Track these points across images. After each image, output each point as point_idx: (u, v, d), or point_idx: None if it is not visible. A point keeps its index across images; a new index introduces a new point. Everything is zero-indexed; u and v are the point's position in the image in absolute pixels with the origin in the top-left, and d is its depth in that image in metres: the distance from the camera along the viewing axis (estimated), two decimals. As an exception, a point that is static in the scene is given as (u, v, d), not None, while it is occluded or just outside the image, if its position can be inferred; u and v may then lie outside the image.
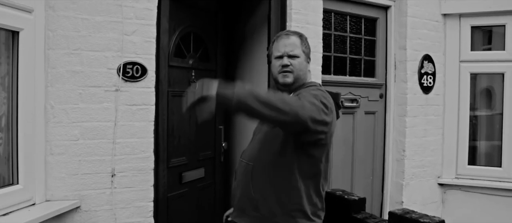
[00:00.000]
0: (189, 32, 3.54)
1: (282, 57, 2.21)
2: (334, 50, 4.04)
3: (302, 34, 2.32)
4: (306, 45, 2.27)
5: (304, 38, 2.29)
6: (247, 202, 2.18)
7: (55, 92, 2.67)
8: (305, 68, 2.25)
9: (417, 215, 2.73)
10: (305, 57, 2.25)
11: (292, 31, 2.34)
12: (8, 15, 2.36)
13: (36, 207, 2.56)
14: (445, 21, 4.36)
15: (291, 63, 2.19)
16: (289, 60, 2.19)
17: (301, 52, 2.22)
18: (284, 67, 2.19)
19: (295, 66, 2.19)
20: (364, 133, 4.23)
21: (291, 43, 2.22)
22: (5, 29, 2.40)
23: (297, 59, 2.20)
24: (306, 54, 2.26)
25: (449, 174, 4.42)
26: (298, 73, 2.20)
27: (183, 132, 3.48)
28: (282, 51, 2.21)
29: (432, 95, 4.32)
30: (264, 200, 2.12)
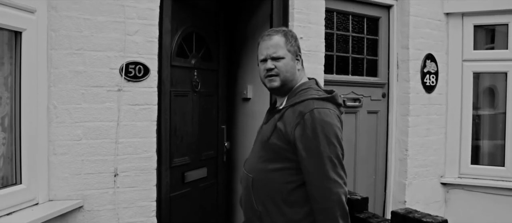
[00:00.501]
0: (191, 32, 3.54)
1: (266, 60, 2.08)
2: (337, 50, 4.04)
3: (287, 30, 2.17)
4: (292, 43, 2.12)
5: (289, 36, 2.13)
6: (251, 213, 2.13)
7: (58, 93, 2.68)
8: (293, 68, 2.10)
9: (420, 215, 2.72)
10: (292, 56, 2.10)
11: (276, 30, 2.18)
12: (10, 16, 2.37)
13: (39, 206, 2.57)
14: (447, 20, 4.35)
15: (275, 66, 2.06)
16: (273, 63, 2.06)
17: (286, 52, 2.07)
18: (269, 71, 2.07)
19: (280, 69, 2.06)
20: (366, 132, 4.23)
21: (273, 44, 2.07)
22: (8, 30, 2.41)
23: (282, 61, 2.06)
24: (293, 53, 2.11)
25: (452, 173, 4.41)
26: (284, 75, 2.07)
27: (185, 132, 3.48)
28: (264, 54, 2.09)
29: (434, 94, 4.31)
30: (267, 212, 2.06)
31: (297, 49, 2.14)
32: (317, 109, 1.93)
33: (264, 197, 2.05)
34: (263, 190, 2.06)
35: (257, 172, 2.09)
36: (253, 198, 2.08)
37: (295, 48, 2.12)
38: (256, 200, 2.07)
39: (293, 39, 2.13)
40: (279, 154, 2.01)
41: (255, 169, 2.11)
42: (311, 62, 3.57)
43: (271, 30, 2.19)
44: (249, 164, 2.18)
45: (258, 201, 2.07)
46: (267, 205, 2.04)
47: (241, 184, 2.23)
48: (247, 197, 2.14)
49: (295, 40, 2.15)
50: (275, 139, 2.00)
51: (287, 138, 1.96)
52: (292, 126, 1.95)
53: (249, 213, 2.14)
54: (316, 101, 1.98)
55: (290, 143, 1.96)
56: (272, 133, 2.02)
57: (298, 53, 2.14)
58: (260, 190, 2.06)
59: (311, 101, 1.97)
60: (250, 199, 2.10)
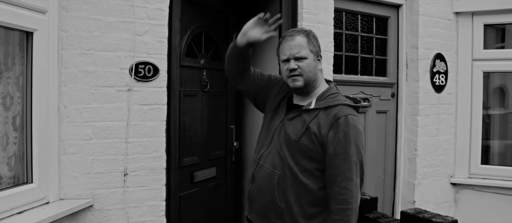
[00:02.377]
0: (200, 32, 3.55)
1: (289, 60, 2.10)
2: (346, 49, 4.03)
3: (309, 31, 2.18)
4: (314, 44, 2.13)
5: (311, 36, 2.15)
6: (271, 210, 2.12)
7: (68, 92, 2.70)
8: (315, 69, 2.12)
9: (429, 215, 2.71)
10: (314, 57, 2.12)
11: (297, 30, 2.20)
12: (22, 16, 2.39)
13: (50, 205, 2.59)
14: (457, 20, 4.33)
15: (299, 66, 2.08)
16: (296, 63, 2.08)
17: (308, 53, 2.09)
18: (292, 71, 2.08)
19: (303, 69, 2.08)
20: (375, 132, 4.21)
21: (296, 44, 2.09)
22: (20, 30, 2.43)
23: (305, 61, 2.08)
24: (315, 53, 2.12)
25: (461, 173, 4.39)
26: (308, 75, 2.09)
27: (194, 132, 3.49)
28: (287, 55, 2.10)
29: (444, 94, 4.29)
30: (289, 210, 2.07)
31: (319, 49, 2.16)
32: (351, 116, 2.01)
33: (289, 196, 2.06)
34: (289, 189, 2.07)
35: (283, 169, 2.08)
36: (276, 195, 2.09)
37: (317, 48, 2.14)
38: (279, 198, 2.08)
39: (315, 39, 2.15)
40: (307, 155, 2.04)
41: (281, 166, 2.09)
42: (320, 62, 3.56)
43: (293, 30, 2.19)
44: (272, 159, 2.14)
45: (281, 198, 2.08)
46: (291, 203, 2.06)
47: (258, 177, 2.19)
48: (268, 193, 2.12)
49: (317, 40, 2.17)
50: (306, 140, 2.03)
51: (321, 140, 2.00)
52: (326, 128, 2.00)
53: (267, 209, 2.13)
54: (349, 108, 2.05)
55: (322, 145, 2.01)
56: (303, 133, 2.04)
57: (319, 53, 2.17)
58: (286, 189, 2.07)
59: (345, 107, 2.04)
60: (273, 195, 2.10)
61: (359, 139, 2.01)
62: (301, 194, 2.05)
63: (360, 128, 2.04)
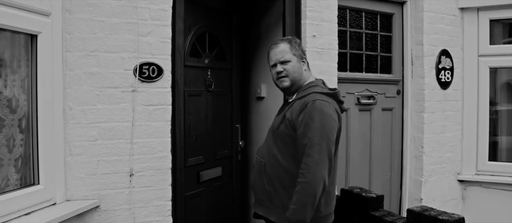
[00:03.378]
0: (204, 32, 3.56)
1: (276, 65, 2.47)
2: (350, 47, 4.02)
3: (291, 38, 2.55)
4: (296, 48, 2.49)
5: (293, 42, 2.51)
6: (263, 194, 2.47)
7: (73, 94, 2.71)
8: (300, 69, 2.47)
9: (436, 213, 2.71)
10: (298, 59, 2.47)
11: (281, 39, 2.57)
12: (27, 19, 2.41)
13: (57, 206, 2.61)
14: (462, 15, 4.30)
15: (284, 69, 2.44)
16: (282, 66, 2.45)
17: (291, 56, 2.45)
18: (279, 74, 2.46)
19: (289, 70, 2.44)
20: (381, 129, 4.20)
21: (280, 51, 2.47)
22: (24, 33, 2.45)
23: (289, 64, 2.44)
24: (298, 56, 2.48)
25: (469, 170, 4.36)
26: (293, 76, 2.45)
27: (199, 131, 3.50)
28: (274, 60, 2.48)
29: (450, 90, 4.26)
30: (276, 193, 2.39)
31: (302, 52, 2.53)
32: (319, 101, 2.28)
33: (274, 180, 2.40)
34: (273, 174, 2.40)
35: (268, 157, 2.44)
36: (264, 180, 2.44)
37: (299, 52, 2.51)
38: (267, 182, 2.43)
39: (297, 44, 2.53)
40: (286, 141, 2.35)
41: (266, 155, 2.46)
42: (324, 60, 3.56)
43: (277, 39, 2.60)
44: (262, 150, 2.55)
45: (268, 183, 2.42)
46: (276, 187, 2.39)
47: (254, 169, 2.59)
48: (259, 179, 2.49)
49: (299, 45, 2.55)
50: (283, 127, 2.36)
51: (292, 124, 2.31)
52: (297, 113, 2.30)
53: (260, 194, 2.50)
54: (319, 95, 2.34)
55: (294, 128, 2.30)
56: (281, 122, 2.39)
57: (303, 56, 2.53)
58: (271, 174, 2.41)
59: (315, 94, 2.34)
60: (262, 181, 2.46)
61: (324, 120, 2.24)
62: (284, 177, 2.36)
63: (327, 111, 2.27)
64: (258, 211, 2.54)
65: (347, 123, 4.00)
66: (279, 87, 2.53)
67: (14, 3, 2.32)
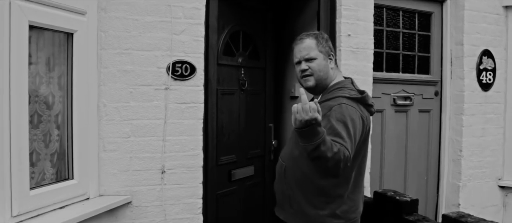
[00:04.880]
0: (238, 30, 3.56)
1: (300, 62, 2.31)
2: (386, 47, 3.92)
3: (318, 34, 2.36)
4: (323, 44, 2.30)
5: (320, 38, 2.32)
6: (283, 198, 2.36)
7: (107, 91, 2.76)
8: (326, 68, 2.29)
9: (473, 219, 2.61)
10: (324, 57, 2.29)
11: (307, 33, 2.37)
12: (64, 18, 2.46)
13: (90, 201, 2.66)
14: (506, 14, 4.11)
15: (309, 67, 2.28)
16: (306, 64, 2.28)
17: (317, 53, 2.27)
18: (303, 72, 2.29)
19: (314, 69, 2.27)
20: (418, 131, 4.08)
21: (305, 47, 2.29)
22: (62, 31, 2.50)
23: (315, 61, 2.27)
24: (325, 53, 2.30)
25: (511, 176, 4.17)
26: (318, 75, 2.27)
27: (232, 130, 3.50)
28: (298, 57, 2.32)
29: (491, 92, 4.09)
30: (295, 197, 2.27)
31: (329, 49, 2.33)
32: (345, 105, 2.13)
33: (293, 183, 2.28)
34: (292, 177, 2.28)
35: (289, 160, 2.32)
36: (284, 183, 2.33)
37: (326, 48, 2.31)
38: (286, 186, 2.31)
39: (324, 40, 2.33)
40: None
41: (288, 158, 2.34)
42: (359, 60, 3.49)
43: (303, 34, 2.40)
44: (284, 152, 2.44)
45: (288, 186, 2.30)
46: (295, 190, 2.26)
47: (276, 171, 2.47)
48: (279, 182, 2.39)
49: (326, 41, 2.35)
50: None
51: None
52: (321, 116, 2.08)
53: (281, 198, 2.39)
54: (346, 99, 2.18)
55: None
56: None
57: (330, 53, 2.34)
58: (290, 177, 2.29)
59: (342, 98, 2.18)
60: (282, 184, 2.35)
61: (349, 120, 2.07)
62: (303, 182, 2.23)
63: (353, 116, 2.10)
64: (279, 215, 2.44)
65: (382, 124, 3.90)
66: (303, 86, 2.33)
67: (52, 2, 2.37)
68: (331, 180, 2.19)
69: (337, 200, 2.23)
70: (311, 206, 2.23)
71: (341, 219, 2.23)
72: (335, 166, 1.94)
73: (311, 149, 1.88)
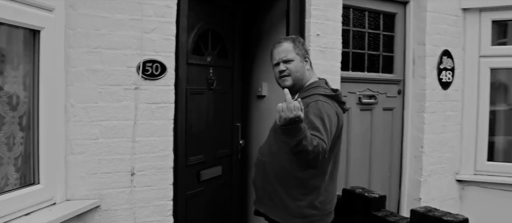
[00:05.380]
0: (207, 29, 3.50)
1: (279, 64, 2.47)
2: (353, 46, 3.99)
3: (295, 38, 2.55)
4: (299, 47, 2.48)
5: (297, 42, 2.50)
6: (264, 193, 2.47)
7: (75, 91, 2.65)
8: (302, 69, 2.48)
9: (440, 213, 2.71)
10: (301, 59, 2.47)
11: (284, 38, 2.58)
12: (31, 14, 2.34)
13: (57, 206, 2.55)
14: (464, 16, 4.29)
15: (287, 68, 2.44)
16: (284, 65, 2.45)
17: (295, 55, 2.45)
18: (281, 73, 2.46)
19: (291, 70, 2.44)
20: (382, 129, 4.19)
21: (283, 49, 2.46)
22: (26, 28, 2.38)
23: (292, 63, 2.44)
24: (301, 56, 2.47)
25: (467, 170, 4.37)
26: (295, 75, 2.45)
27: (201, 130, 3.46)
28: (277, 59, 2.48)
29: (450, 91, 4.26)
30: (276, 191, 2.39)
31: (305, 52, 2.53)
32: (321, 101, 2.30)
33: (273, 178, 2.39)
34: (272, 172, 2.40)
35: (268, 156, 2.45)
36: (264, 179, 2.45)
37: (302, 51, 2.50)
38: (266, 181, 2.43)
39: (301, 44, 2.52)
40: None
41: (267, 154, 2.47)
42: (328, 59, 3.53)
43: (281, 38, 2.61)
44: (263, 148, 2.56)
45: (268, 181, 2.42)
46: (276, 185, 2.38)
47: (255, 167, 2.60)
48: (259, 178, 2.51)
49: (302, 44, 2.54)
50: None
51: None
52: None
53: (261, 192, 2.51)
54: (321, 96, 2.35)
55: None
56: None
57: (306, 55, 2.52)
58: (270, 172, 2.41)
59: (318, 95, 2.35)
60: (262, 179, 2.47)
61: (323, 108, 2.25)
62: (283, 176, 2.36)
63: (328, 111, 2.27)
64: (259, 208, 2.56)
65: (348, 122, 3.97)
66: (281, 86, 2.49)
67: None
68: (309, 172, 2.33)
69: (315, 192, 2.38)
70: (291, 198, 2.36)
71: (318, 210, 2.39)
72: (315, 158, 2.11)
73: (294, 144, 2.03)
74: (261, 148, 2.61)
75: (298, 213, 2.37)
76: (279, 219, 2.41)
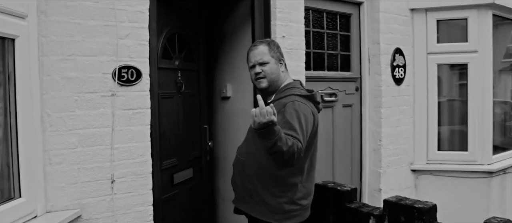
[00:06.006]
0: (174, 33, 3.52)
1: (254, 66, 2.58)
2: (313, 47, 4.14)
3: (270, 41, 2.68)
4: (274, 50, 2.60)
5: (272, 45, 2.63)
6: (243, 191, 2.58)
7: (51, 100, 2.58)
8: (277, 71, 2.59)
9: (410, 201, 2.90)
10: (276, 61, 2.59)
11: (260, 41, 2.69)
12: (4, 22, 2.25)
13: (38, 219, 2.48)
14: (412, 16, 4.58)
15: (262, 70, 2.55)
16: (260, 67, 2.56)
17: (270, 58, 2.56)
18: (257, 75, 2.57)
19: (266, 72, 2.55)
20: (342, 125, 4.38)
21: (259, 52, 2.58)
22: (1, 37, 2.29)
23: (268, 65, 2.56)
24: (276, 58, 2.59)
25: (420, 160, 4.68)
26: (270, 77, 2.56)
27: (173, 134, 3.47)
28: (253, 61, 2.59)
29: (403, 86, 4.54)
30: (256, 190, 2.49)
31: (280, 55, 2.64)
32: (297, 102, 2.42)
33: (253, 177, 2.50)
34: (252, 171, 2.51)
35: (247, 155, 2.55)
36: (244, 178, 2.55)
37: (277, 54, 2.62)
38: (246, 180, 2.54)
39: (276, 47, 2.64)
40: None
41: (246, 153, 2.57)
42: (293, 60, 3.64)
43: (257, 41, 2.74)
44: (241, 148, 2.65)
45: (248, 180, 2.53)
46: (256, 184, 2.49)
47: (234, 167, 2.69)
48: (239, 177, 2.61)
49: (278, 47, 2.66)
50: None
51: None
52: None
53: (241, 191, 2.60)
54: (298, 97, 2.47)
55: None
56: None
57: (281, 58, 2.64)
58: (250, 171, 2.52)
59: (294, 96, 2.48)
60: (242, 179, 2.57)
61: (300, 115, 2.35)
62: (263, 175, 2.46)
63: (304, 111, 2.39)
64: (239, 207, 2.64)
65: (312, 120, 4.11)
66: (257, 87, 2.62)
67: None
68: (287, 170, 2.44)
69: (293, 188, 2.50)
70: (271, 195, 2.47)
71: (297, 205, 2.51)
72: (291, 157, 2.22)
73: (269, 146, 2.16)
74: (239, 148, 2.69)
75: (278, 209, 2.48)
76: (261, 216, 2.50)
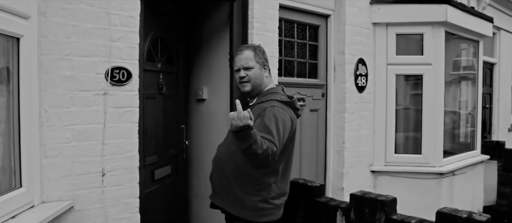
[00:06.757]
0: (157, 38, 3.73)
1: (239, 70, 2.71)
2: (284, 55, 4.44)
3: (256, 47, 2.81)
4: (260, 56, 2.74)
5: (258, 50, 2.76)
6: (220, 187, 2.73)
7: (48, 97, 2.75)
8: (261, 76, 2.74)
9: (374, 195, 3.25)
10: (260, 66, 2.73)
11: (247, 46, 2.85)
12: (12, 22, 2.41)
13: (36, 209, 2.63)
14: (374, 29, 4.98)
15: (247, 74, 2.69)
16: (245, 72, 2.69)
17: (254, 63, 2.70)
18: (242, 78, 2.71)
19: (250, 76, 2.69)
20: (309, 128, 4.69)
21: (245, 57, 2.72)
22: (7, 36, 2.44)
23: (252, 70, 2.70)
24: (260, 64, 2.73)
25: (379, 162, 5.07)
26: (254, 81, 2.70)
27: (154, 132, 3.66)
28: (238, 65, 2.73)
29: (365, 94, 4.91)
30: (231, 187, 2.65)
31: (264, 60, 2.79)
32: (277, 107, 2.58)
33: (229, 175, 2.65)
34: (229, 169, 2.66)
35: (226, 154, 2.69)
36: (221, 175, 2.70)
37: (262, 60, 2.76)
38: (223, 177, 2.68)
39: (261, 53, 2.78)
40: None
41: (225, 152, 2.72)
42: (268, 66, 3.92)
43: (243, 46, 2.89)
44: (222, 146, 2.81)
45: (225, 177, 2.68)
46: (232, 181, 2.64)
47: (213, 163, 2.83)
48: (216, 174, 2.76)
49: (263, 53, 2.79)
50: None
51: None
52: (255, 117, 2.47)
53: (218, 188, 2.75)
54: (278, 102, 2.63)
55: None
56: None
57: (265, 64, 2.79)
58: (227, 169, 2.67)
59: (274, 101, 2.63)
60: (219, 175, 2.72)
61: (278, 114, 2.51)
62: (239, 174, 2.62)
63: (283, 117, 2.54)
64: (216, 202, 2.80)
65: (282, 122, 4.41)
66: (241, 90, 2.77)
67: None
68: (261, 170, 2.61)
69: (267, 188, 2.67)
70: (245, 193, 2.63)
71: (270, 204, 2.68)
72: (265, 160, 2.37)
73: (244, 147, 2.30)
74: (219, 147, 2.86)
75: (252, 207, 2.65)
76: (235, 212, 2.68)
